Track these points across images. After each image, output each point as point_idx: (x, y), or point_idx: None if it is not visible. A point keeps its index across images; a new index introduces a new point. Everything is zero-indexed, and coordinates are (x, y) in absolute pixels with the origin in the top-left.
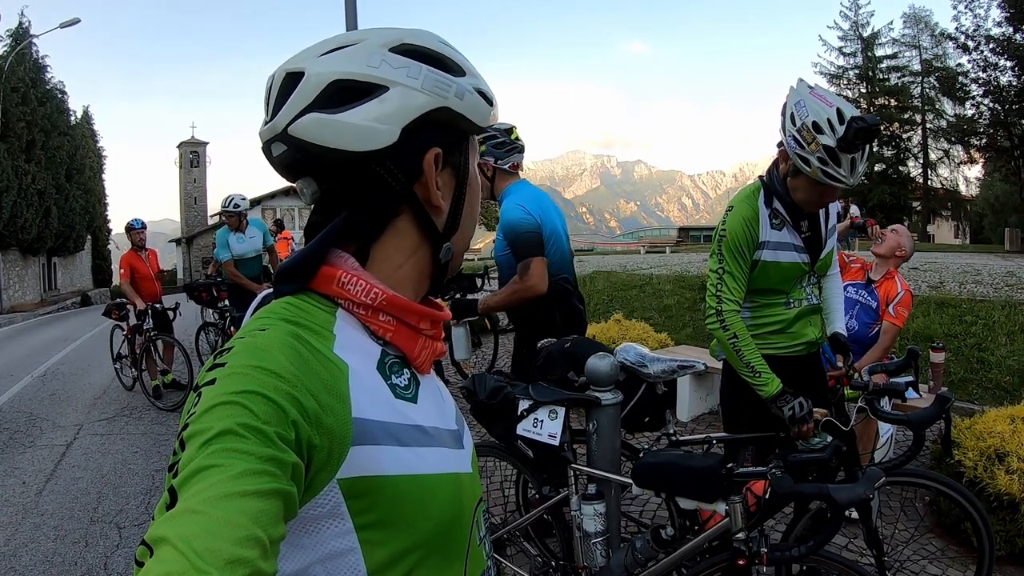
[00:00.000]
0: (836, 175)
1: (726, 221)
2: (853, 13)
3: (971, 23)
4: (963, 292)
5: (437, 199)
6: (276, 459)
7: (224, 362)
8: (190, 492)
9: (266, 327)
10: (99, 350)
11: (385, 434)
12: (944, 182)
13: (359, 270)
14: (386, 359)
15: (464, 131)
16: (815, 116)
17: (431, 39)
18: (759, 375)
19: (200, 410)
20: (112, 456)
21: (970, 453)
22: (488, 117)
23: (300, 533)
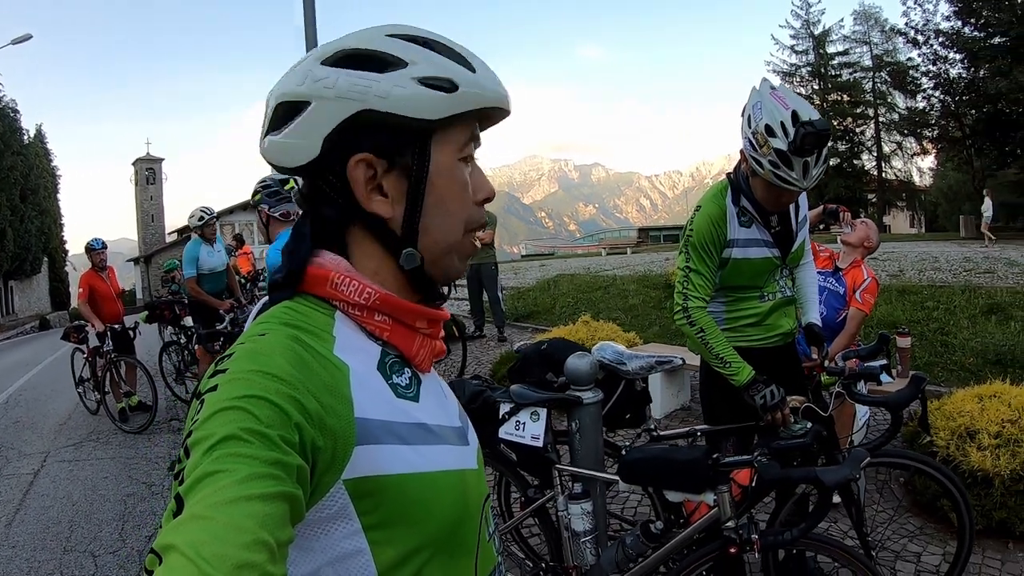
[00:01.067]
0: (788, 178)
1: (693, 220)
2: (804, 12)
3: (920, 18)
4: (923, 279)
5: (376, 206)
6: (280, 462)
7: (225, 368)
8: (196, 498)
9: (266, 331)
10: (61, 375)
11: (388, 433)
12: (898, 174)
13: (352, 271)
14: (386, 359)
15: (411, 128)
16: (769, 119)
17: (374, 37)
18: (729, 364)
19: (203, 416)
20: (81, 483)
21: (941, 433)
22: (439, 105)
23: (309, 536)
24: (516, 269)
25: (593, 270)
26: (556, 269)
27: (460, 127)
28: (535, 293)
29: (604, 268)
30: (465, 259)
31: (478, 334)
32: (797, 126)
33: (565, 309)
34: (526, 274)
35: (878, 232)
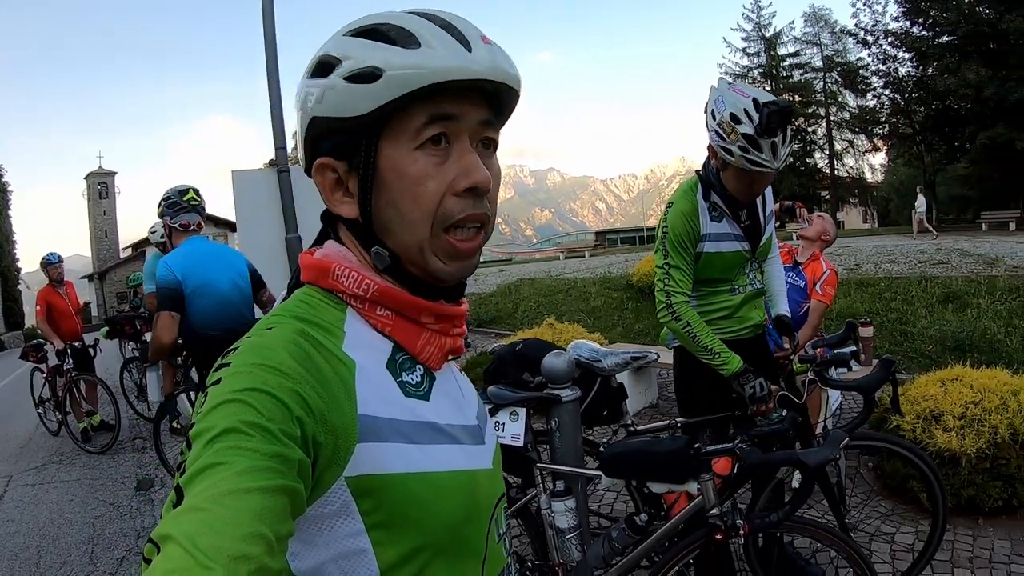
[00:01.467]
0: (759, 160)
1: (667, 217)
2: (755, 15)
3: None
4: (879, 271)
5: (341, 208)
6: (281, 455)
7: (229, 362)
8: (195, 490)
9: (273, 325)
10: (20, 396)
11: (393, 431)
12: (850, 171)
13: (352, 263)
14: (397, 356)
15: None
16: (732, 108)
17: (332, 40)
18: (718, 355)
19: (206, 409)
20: (47, 507)
21: (908, 417)
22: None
23: (313, 531)
24: (475, 276)
25: (553, 274)
26: (516, 274)
27: (411, 114)
28: (496, 298)
29: (564, 272)
30: (454, 259)
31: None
32: (761, 108)
33: (528, 313)
34: (486, 280)
35: (834, 225)
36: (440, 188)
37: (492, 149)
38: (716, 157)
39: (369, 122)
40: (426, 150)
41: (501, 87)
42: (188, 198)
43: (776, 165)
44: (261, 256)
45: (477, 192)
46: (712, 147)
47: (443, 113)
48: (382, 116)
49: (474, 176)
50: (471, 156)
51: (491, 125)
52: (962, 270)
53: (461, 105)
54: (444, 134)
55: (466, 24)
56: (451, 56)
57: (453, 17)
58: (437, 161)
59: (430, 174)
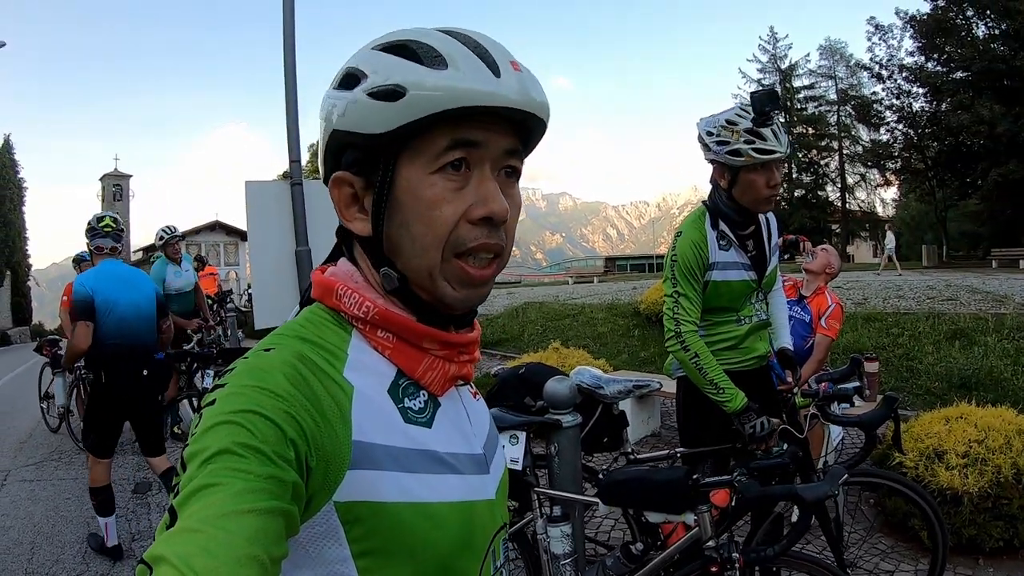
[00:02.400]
0: (768, 148)
1: (676, 246)
2: (772, 46)
3: (885, 53)
4: (887, 306)
5: (354, 225)
6: (275, 477)
7: (225, 382)
8: (189, 511)
9: (273, 346)
10: (23, 391)
11: (389, 459)
12: (861, 204)
13: (358, 283)
14: (400, 381)
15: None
16: (726, 116)
17: (360, 53)
18: (723, 391)
19: (200, 430)
20: (43, 503)
21: (910, 454)
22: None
23: (300, 553)
24: None
25: (561, 299)
26: (524, 297)
27: (433, 137)
28: (503, 320)
29: (572, 296)
30: (465, 285)
31: None
32: (750, 98)
33: (534, 337)
34: (494, 302)
35: (839, 257)
36: (455, 214)
37: (515, 179)
38: (724, 176)
39: (389, 140)
40: (445, 174)
41: (529, 116)
42: (103, 225)
43: (784, 149)
44: (270, 267)
45: (492, 222)
46: (718, 167)
47: (466, 139)
48: (403, 135)
49: (491, 205)
50: (490, 184)
51: (515, 154)
52: (971, 307)
53: (485, 132)
54: (465, 159)
55: (497, 48)
56: (478, 80)
57: (484, 39)
58: (455, 186)
59: (446, 199)
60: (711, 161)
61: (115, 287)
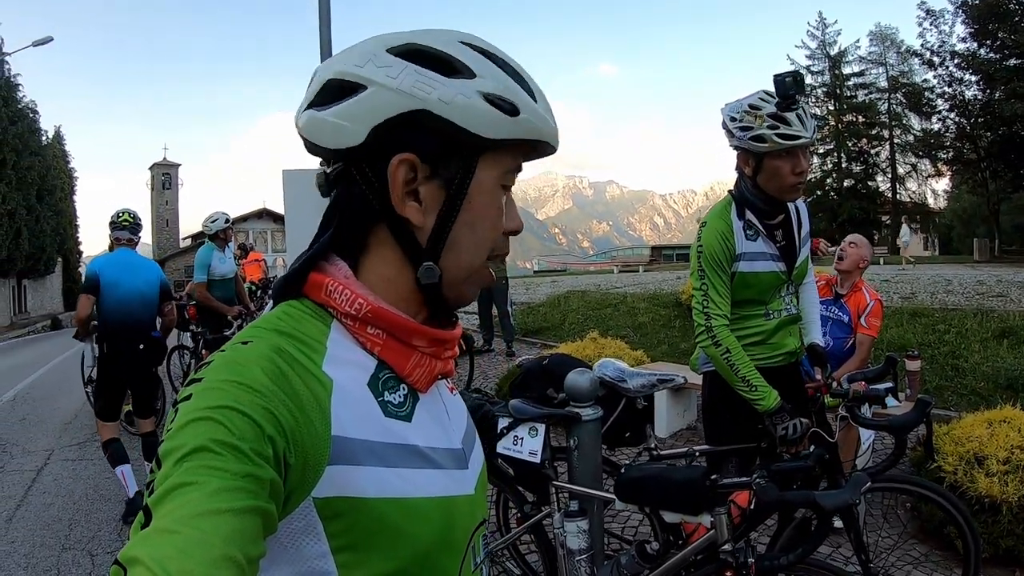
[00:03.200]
0: (793, 133)
1: (701, 237)
2: (820, 32)
3: (936, 39)
4: (935, 302)
5: (409, 211)
6: (252, 475)
7: (201, 377)
8: (164, 511)
9: (251, 339)
10: (70, 374)
11: (368, 454)
12: (912, 195)
13: (349, 279)
14: (380, 374)
15: (463, 141)
16: (748, 101)
17: (447, 39)
18: (755, 389)
19: (176, 427)
20: (84, 482)
21: (949, 458)
22: (499, 126)
23: (278, 549)
24: (528, 284)
25: (604, 287)
26: (567, 286)
27: (510, 152)
28: (545, 309)
29: (615, 286)
30: (479, 285)
31: (486, 348)
32: (774, 81)
33: (574, 326)
34: (537, 290)
35: (869, 246)
36: (503, 225)
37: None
38: (749, 163)
39: (481, 144)
40: (503, 190)
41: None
42: (122, 220)
43: (809, 134)
44: None
45: (514, 234)
46: (742, 154)
47: (520, 165)
48: (494, 145)
49: (518, 221)
50: (513, 203)
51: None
52: (1021, 305)
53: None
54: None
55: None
56: (550, 118)
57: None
58: (504, 200)
59: (503, 210)
60: (735, 148)
61: (120, 272)
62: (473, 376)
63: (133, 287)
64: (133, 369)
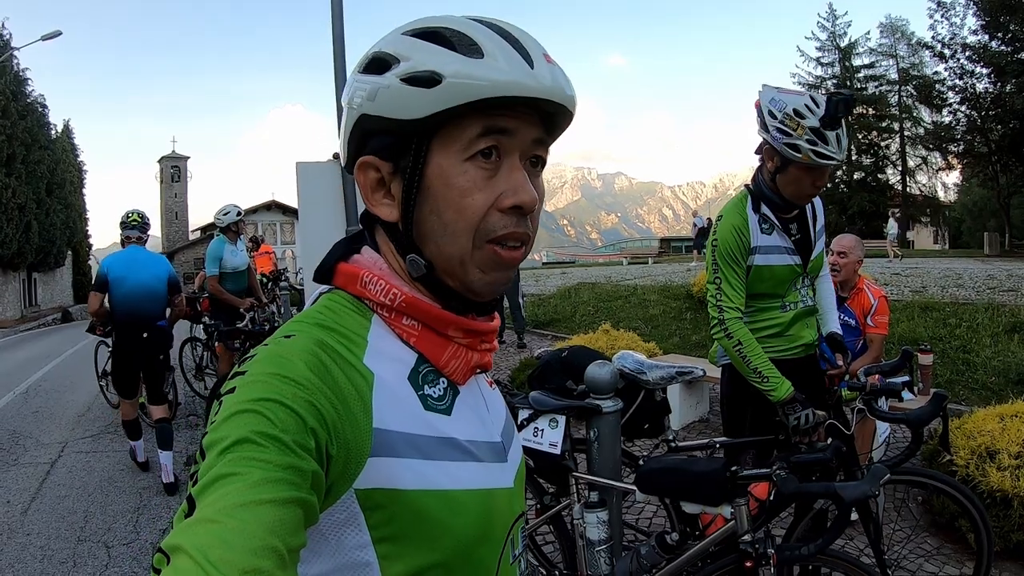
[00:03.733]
0: (827, 152)
1: (716, 231)
2: (831, 24)
3: (947, 32)
4: (946, 296)
5: (380, 210)
6: (295, 467)
7: (245, 370)
8: (207, 501)
9: (293, 333)
10: (82, 367)
11: (409, 446)
12: (923, 188)
13: (384, 270)
14: (420, 368)
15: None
16: (794, 104)
17: (389, 38)
18: (767, 380)
19: (220, 419)
20: (98, 474)
21: (961, 452)
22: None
23: (319, 540)
24: (537, 276)
25: (614, 279)
26: (577, 277)
27: (465, 124)
28: (556, 301)
29: (625, 277)
30: (494, 272)
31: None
32: (828, 98)
33: (585, 317)
34: (547, 281)
35: (858, 245)
36: (487, 202)
37: (540, 167)
38: (773, 160)
39: (421, 127)
40: (476, 162)
41: (558, 107)
42: (131, 220)
43: (840, 156)
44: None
45: (521, 211)
46: (769, 150)
47: (498, 127)
48: (436, 122)
49: (521, 195)
50: (520, 174)
51: (542, 144)
52: None
53: (516, 121)
54: (495, 147)
55: (530, 40)
56: (514, 71)
57: (517, 31)
58: (487, 174)
59: (478, 186)
60: (764, 140)
61: (127, 268)
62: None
63: (139, 281)
64: (140, 356)
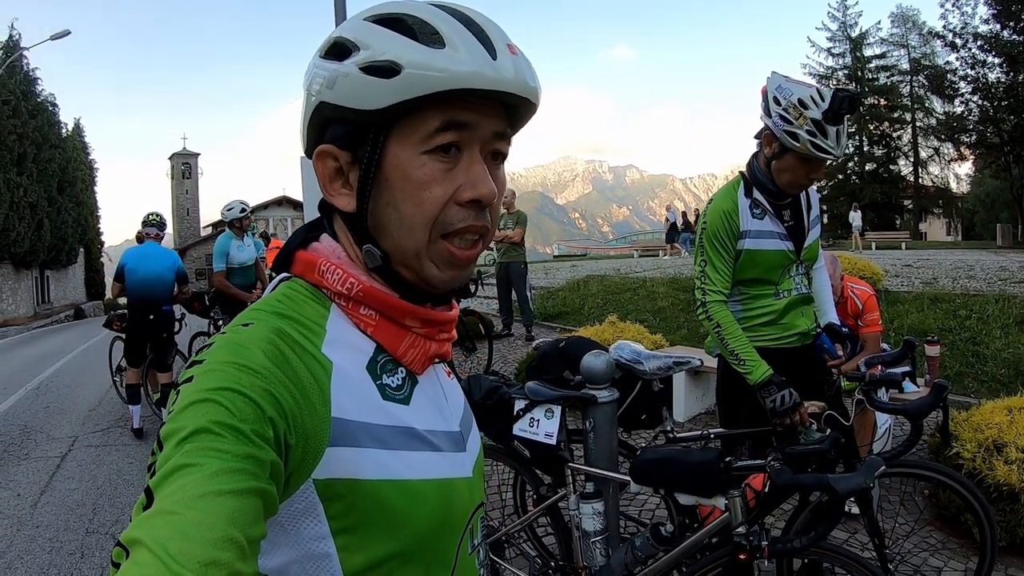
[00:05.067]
0: (825, 146)
1: (706, 214)
2: (841, 14)
3: (958, 21)
4: (956, 287)
5: (337, 199)
6: (253, 457)
7: (203, 359)
8: (165, 492)
9: (251, 321)
10: (93, 363)
11: (367, 436)
12: (935, 180)
13: (341, 259)
14: (379, 357)
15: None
16: (799, 94)
17: (350, 23)
18: (744, 363)
19: (177, 408)
20: (107, 467)
21: (968, 445)
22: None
23: (278, 531)
24: (547, 269)
25: (624, 272)
26: (587, 270)
27: (424, 116)
28: (564, 293)
29: (635, 270)
30: (449, 269)
31: (506, 332)
32: (832, 93)
33: (593, 310)
34: (557, 274)
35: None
36: (444, 195)
37: (500, 161)
38: (771, 146)
39: (380, 117)
40: (435, 155)
41: (520, 100)
42: (151, 219)
43: (838, 153)
44: None
45: (480, 204)
46: (769, 135)
47: (458, 120)
48: (394, 113)
49: (480, 189)
50: (479, 167)
51: (503, 137)
52: None
53: (476, 114)
54: (455, 143)
55: (494, 29)
56: (475, 62)
57: (482, 19)
58: (445, 167)
59: (436, 179)
60: (765, 125)
61: (141, 261)
62: (492, 360)
63: (150, 272)
64: (147, 333)
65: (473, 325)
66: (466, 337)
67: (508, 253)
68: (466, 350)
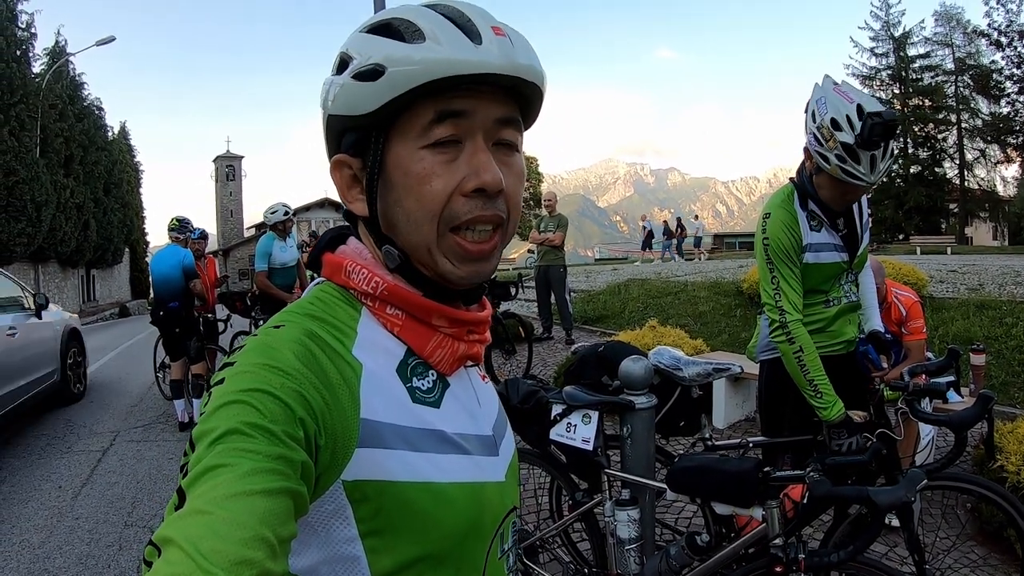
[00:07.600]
0: (855, 172)
1: (766, 228)
2: (884, 13)
3: (1004, 19)
4: (1003, 294)
5: (353, 205)
6: (284, 457)
7: (234, 361)
8: (197, 492)
9: (283, 323)
10: (136, 360)
11: (397, 438)
12: (981, 183)
13: (367, 259)
14: (409, 360)
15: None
16: (834, 113)
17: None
18: (821, 395)
19: (209, 410)
20: (147, 462)
21: (1013, 458)
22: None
23: (308, 532)
24: (588, 272)
25: (664, 275)
26: (628, 274)
27: (417, 111)
28: (605, 297)
29: (676, 274)
30: (465, 261)
31: (545, 336)
32: (864, 118)
33: (634, 314)
34: (598, 277)
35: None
36: (447, 188)
37: (512, 149)
38: (811, 160)
39: (377, 120)
40: (435, 148)
41: (517, 81)
42: (172, 223)
43: (872, 180)
44: None
45: (486, 193)
46: (808, 150)
47: (451, 110)
48: (390, 113)
49: (483, 176)
50: (482, 155)
51: (510, 123)
52: None
53: (472, 101)
54: (455, 134)
55: (479, 14)
56: (455, 49)
57: (466, 7)
58: (446, 159)
59: (437, 172)
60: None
61: (159, 262)
62: (532, 363)
63: (160, 272)
64: (166, 325)
65: (513, 328)
66: (506, 340)
67: (547, 256)
68: (506, 353)
